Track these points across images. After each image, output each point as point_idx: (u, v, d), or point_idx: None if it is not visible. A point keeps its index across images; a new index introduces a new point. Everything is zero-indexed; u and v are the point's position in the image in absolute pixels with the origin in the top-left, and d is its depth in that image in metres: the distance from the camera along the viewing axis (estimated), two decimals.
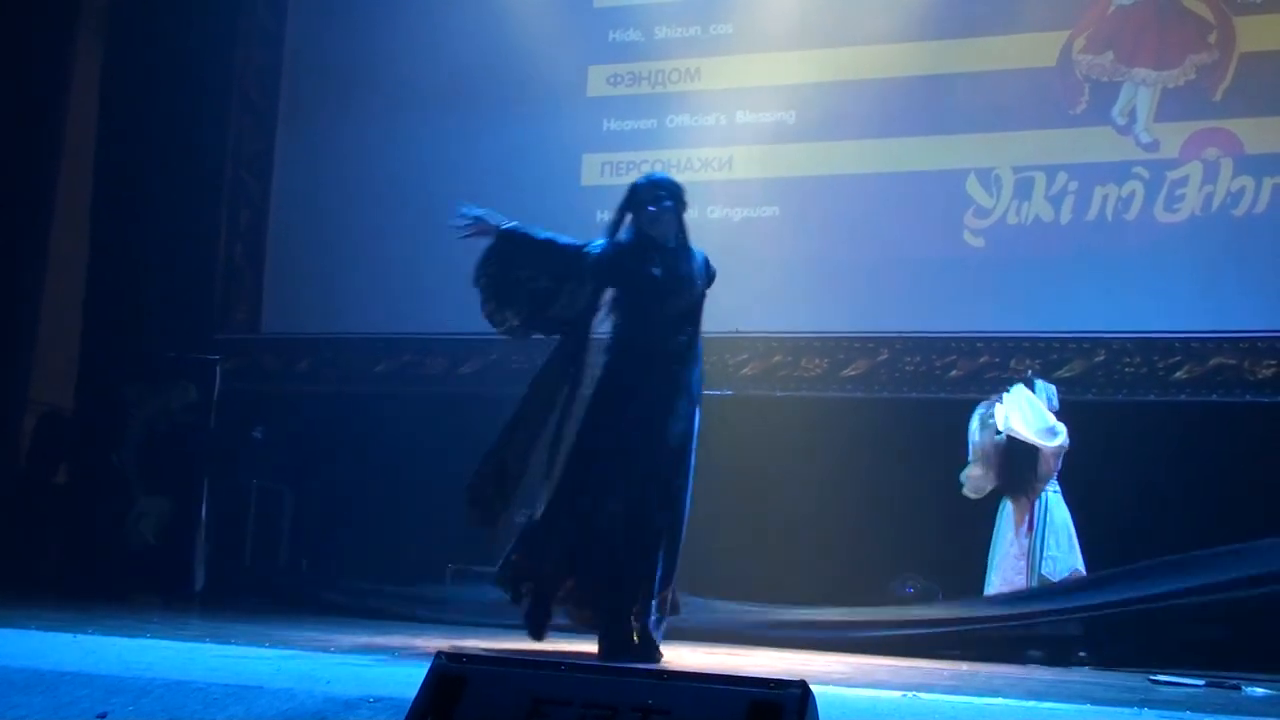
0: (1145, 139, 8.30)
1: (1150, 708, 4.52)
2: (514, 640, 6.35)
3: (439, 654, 2.72)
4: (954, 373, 8.45)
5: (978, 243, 8.54)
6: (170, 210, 9.78)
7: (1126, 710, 4.38)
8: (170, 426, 8.92)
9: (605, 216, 9.11)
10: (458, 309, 9.29)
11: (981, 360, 8.39)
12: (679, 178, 8.95)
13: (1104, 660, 6.86)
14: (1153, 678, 5.92)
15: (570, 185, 9.31)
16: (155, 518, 8.75)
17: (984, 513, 7.82)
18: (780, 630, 7.25)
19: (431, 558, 8.66)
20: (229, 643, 5.14)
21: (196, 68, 9.89)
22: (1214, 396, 7.43)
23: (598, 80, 9.43)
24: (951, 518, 7.93)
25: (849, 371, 8.64)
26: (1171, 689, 5.57)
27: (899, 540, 7.96)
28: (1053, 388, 7.55)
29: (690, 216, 8.91)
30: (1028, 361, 8.21)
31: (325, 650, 5.15)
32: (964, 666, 6.46)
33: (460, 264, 9.31)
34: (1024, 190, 8.45)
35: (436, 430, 8.98)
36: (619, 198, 9.07)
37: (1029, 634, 7.09)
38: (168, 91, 9.79)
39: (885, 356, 8.59)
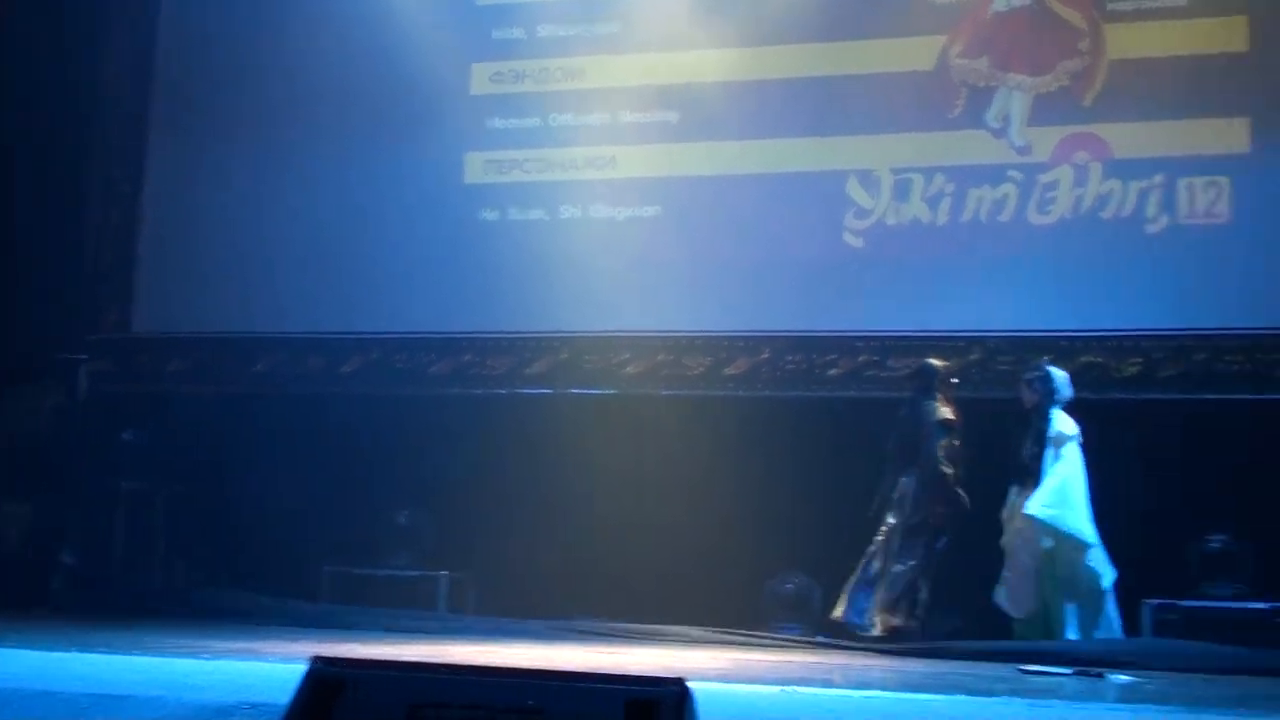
0: (1018, 143, 8.49)
1: (1020, 696, 4.64)
2: (392, 643, 6.30)
3: (315, 658, 2.67)
4: (834, 371, 8.55)
5: (857, 243, 8.66)
6: (36, 210, 9.48)
7: (998, 699, 4.48)
8: (35, 429, 8.65)
9: (488, 215, 9.23)
10: (338, 308, 9.26)
11: (861, 359, 8.51)
12: (561, 176, 9.11)
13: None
14: (1022, 668, 6.05)
15: (453, 183, 9.25)
16: (18, 524, 8.48)
17: (860, 514, 7.93)
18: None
19: (310, 560, 8.55)
20: (97, 651, 5.01)
21: (63, 66, 9.59)
22: (1084, 394, 7.61)
23: (481, 78, 9.37)
24: (831, 515, 8.03)
25: (731, 370, 8.70)
26: (1040, 678, 5.71)
27: (779, 537, 8.03)
28: (1065, 375, 7.56)
29: (573, 215, 9.07)
30: (905, 360, 8.33)
31: (199, 656, 5.05)
32: (841, 660, 6.55)
33: (340, 263, 9.29)
34: (902, 191, 8.58)
35: (315, 430, 8.87)
36: (501, 196, 9.19)
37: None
38: (34, 90, 9.47)
39: (767, 355, 8.67)
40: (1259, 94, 8.08)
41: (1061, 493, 7.17)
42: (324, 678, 2.64)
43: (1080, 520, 7.13)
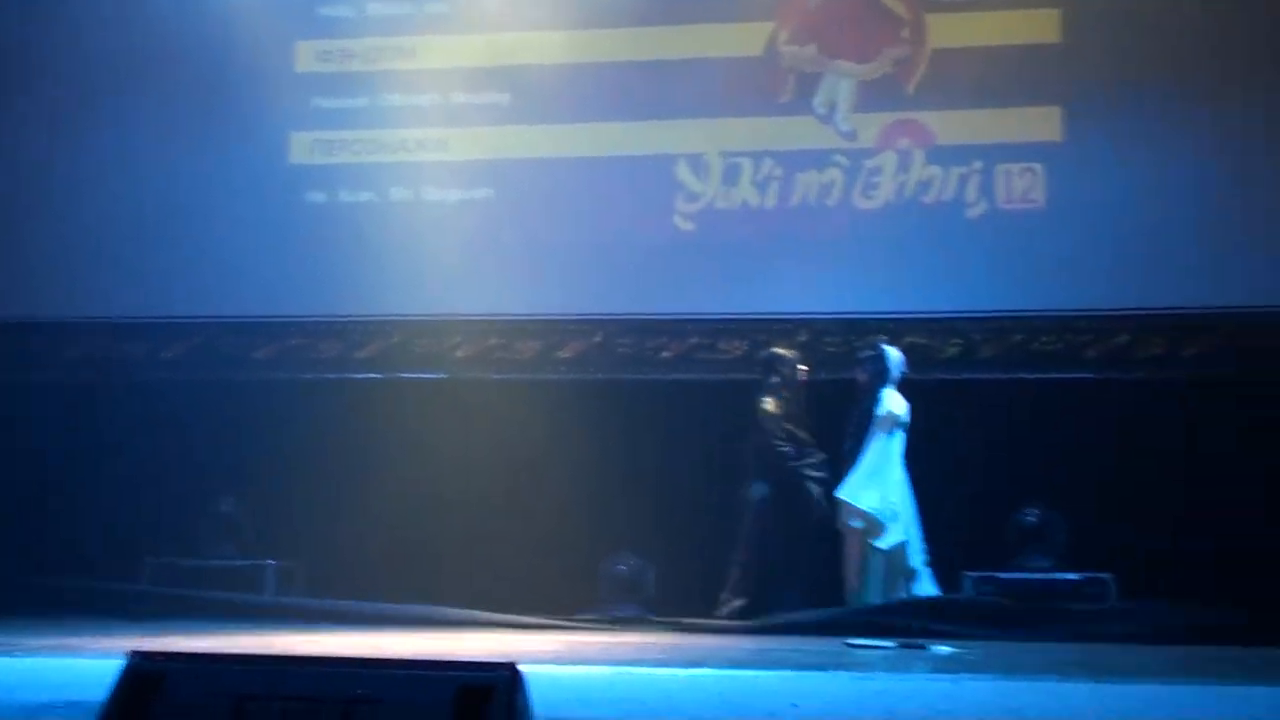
0: (845, 128, 8.65)
1: (846, 670, 4.75)
2: (217, 635, 6.13)
3: (132, 653, 2.59)
4: (665, 354, 8.61)
5: (688, 226, 8.72)
6: None
7: (825, 674, 4.57)
8: None
9: (315, 196, 9.04)
10: (160, 292, 8.96)
11: (691, 341, 8.59)
12: (391, 158, 8.98)
13: None
14: (848, 642, 6.18)
15: (278, 163, 9.03)
16: None
17: (695, 494, 8.02)
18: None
19: (132, 553, 8.28)
20: None
21: None
22: (909, 374, 7.78)
23: (306, 56, 9.16)
24: (664, 497, 8.11)
25: (563, 354, 8.70)
26: (865, 652, 5.84)
27: (612, 520, 8.05)
28: (901, 355, 7.70)
29: (404, 197, 8.95)
30: (735, 343, 8.44)
31: (10, 654, 4.85)
32: (673, 640, 6.60)
33: (162, 245, 8.99)
34: (732, 176, 8.67)
35: (136, 418, 8.59)
36: (330, 177, 9.01)
37: None
38: None
39: (599, 339, 8.69)
40: (1070, 84, 8.37)
41: (872, 474, 7.36)
42: (143, 672, 2.57)
43: (886, 500, 7.31)
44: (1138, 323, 8.09)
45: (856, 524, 7.38)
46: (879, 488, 7.34)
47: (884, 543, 7.31)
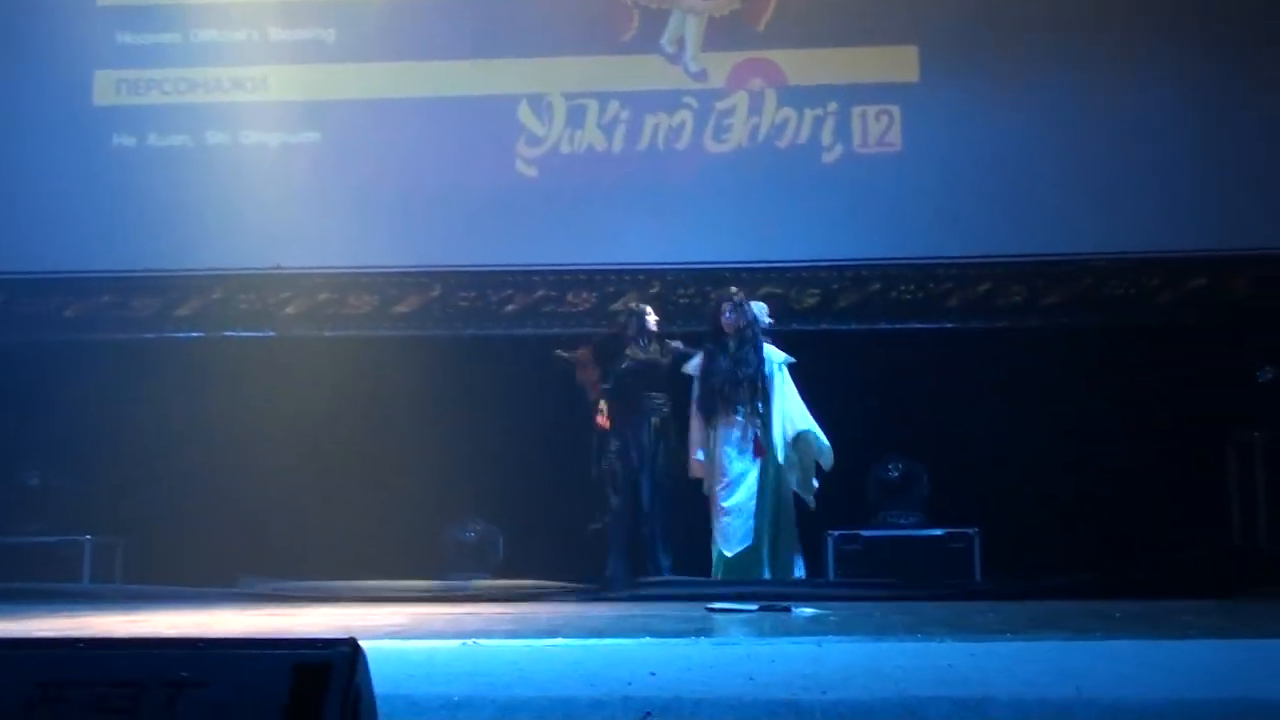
0: (694, 68, 8.35)
1: (707, 635, 4.52)
2: (23, 619, 5.61)
3: None
4: (510, 307, 8.30)
5: (531, 172, 8.34)
6: None
7: (685, 640, 4.34)
8: None
9: (123, 140, 8.40)
10: None
11: (538, 294, 8.29)
12: (206, 98, 8.39)
13: None
14: (709, 606, 5.95)
15: (82, 105, 8.45)
16: None
17: (543, 455, 7.68)
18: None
19: None
20: None
21: None
22: (773, 325, 7.55)
23: None
24: (512, 458, 7.79)
25: (400, 308, 8.35)
26: (727, 616, 5.63)
27: (457, 483, 7.69)
28: (764, 306, 7.41)
29: (221, 141, 8.38)
30: (584, 295, 8.13)
31: None
32: (526, 609, 6.30)
33: None
34: (576, 118, 8.32)
35: None
36: (138, 119, 8.40)
37: None
38: None
39: (438, 292, 8.35)
40: (925, 22, 8.22)
41: (804, 412, 7.11)
42: None
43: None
44: (999, 270, 8.02)
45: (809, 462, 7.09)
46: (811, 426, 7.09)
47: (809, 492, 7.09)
